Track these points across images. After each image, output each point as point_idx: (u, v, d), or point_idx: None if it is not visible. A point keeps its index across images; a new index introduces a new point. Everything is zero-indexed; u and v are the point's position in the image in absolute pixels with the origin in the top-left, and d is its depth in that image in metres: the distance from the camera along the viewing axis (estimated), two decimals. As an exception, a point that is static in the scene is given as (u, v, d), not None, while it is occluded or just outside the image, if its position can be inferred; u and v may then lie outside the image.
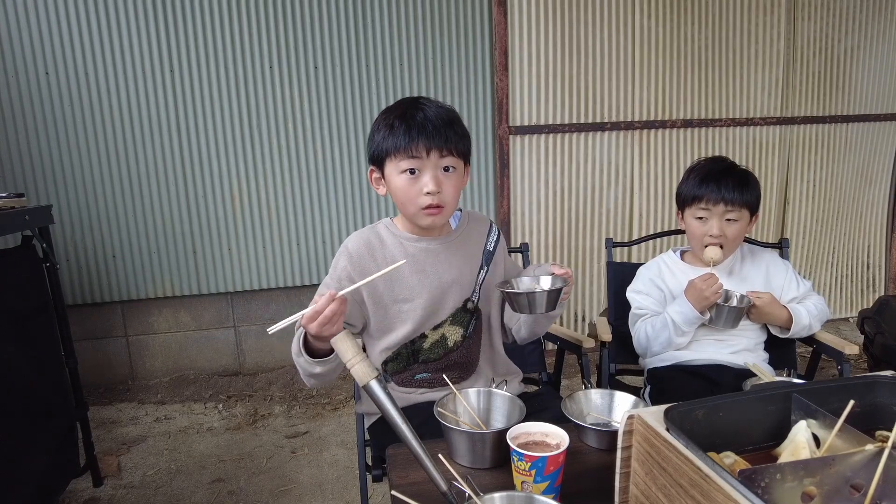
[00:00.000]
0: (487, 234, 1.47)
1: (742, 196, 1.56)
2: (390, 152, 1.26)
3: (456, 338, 1.38)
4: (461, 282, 1.39)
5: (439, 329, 1.38)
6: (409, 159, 1.25)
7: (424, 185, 1.26)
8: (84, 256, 2.81)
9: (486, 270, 1.42)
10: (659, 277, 1.72)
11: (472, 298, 1.40)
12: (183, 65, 2.73)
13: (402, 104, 1.31)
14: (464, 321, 1.39)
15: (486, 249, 1.44)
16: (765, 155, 3.34)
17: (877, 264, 3.68)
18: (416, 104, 1.29)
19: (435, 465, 0.87)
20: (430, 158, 1.25)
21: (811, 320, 1.63)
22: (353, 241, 1.37)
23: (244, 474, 2.26)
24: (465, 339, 1.38)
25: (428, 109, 1.27)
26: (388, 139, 1.26)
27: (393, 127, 1.26)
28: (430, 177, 1.26)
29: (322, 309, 1.02)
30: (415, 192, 1.27)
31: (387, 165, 1.29)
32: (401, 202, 1.31)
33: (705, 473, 0.66)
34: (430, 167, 1.26)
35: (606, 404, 1.18)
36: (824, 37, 3.27)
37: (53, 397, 1.98)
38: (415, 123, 1.25)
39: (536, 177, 3.12)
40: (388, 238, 1.38)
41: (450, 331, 1.38)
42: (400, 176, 1.27)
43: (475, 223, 1.47)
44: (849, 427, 0.74)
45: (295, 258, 3.03)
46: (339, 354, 0.95)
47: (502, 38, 2.94)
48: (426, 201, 1.27)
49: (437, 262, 1.37)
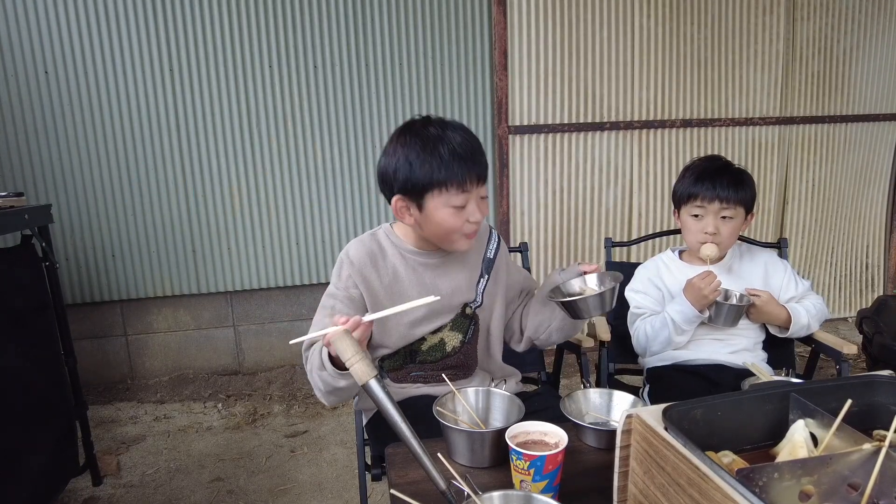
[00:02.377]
0: (487, 241, 1.45)
1: (737, 194, 1.57)
2: (438, 186, 1.20)
3: (454, 343, 1.38)
4: (461, 289, 1.38)
5: (438, 333, 1.37)
6: (461, 194, 1.21)
7: (471, 215, 1.24)
8: (83, 256, 2.81)
9: (487, 279, 1.42)
10: (657, 277, 1.73)
11: (471, 304, 1.39)
12: (182, 65, 2.73)
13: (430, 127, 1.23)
14: (463, 327, 1.39)
15: (485, 257, 1.43)
16: (764, 155, 3.34)
17: (875, 264, 3.69)
18: (448, 127, 1.23)
19: (434, 464, 0.88)
20: (477, 189, 1.24)
21: (810, 320, 1.63)
22: (353, 248, 1.34)
23: (243, 473, 2.26)
24: (463, 345, 1.38)
25: (462, 133, 1.22)
26: (439, 172, 1.19)
27: (442, 159, 1.18)
28: (476, 207, 1.24)
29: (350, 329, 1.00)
30: (459, 223, 1.24)
31: (429, 199, 1.22)
32: (443, 232, 1.26)
33: (703, 472, 0.66)
34: (474, 197, 1.24)
35: (605, 403, 1.18)
36: (823, 37, 3.27)
37: (53, 396, 1.98)
38: (466, 154, 1.20)
39: (536, 176, 3.12)
40: (389, 248, 1.36)
41: (449, 336, 1.38)
42: (447, 209, 1.22)
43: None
44: (846, 426, 0.74)
45: (294, 258, 3.03)
46: (339, 354, 0.95)
47: (502, 38, 2.94)
48: (471, 229, 1.26)
49: (435, 276, 1.36)
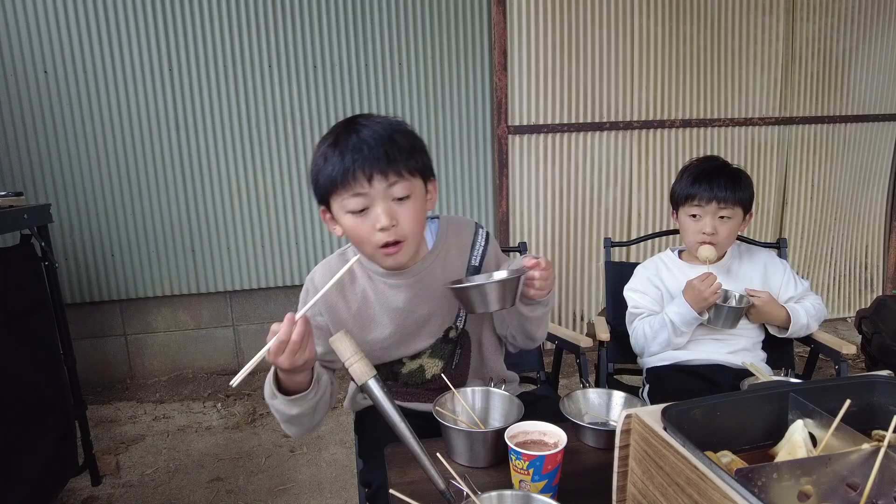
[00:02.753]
0: (472, 245, 1.28)
1: (734, 194, 1.58)
2: (330, 189, 1.08)
3: (434, 370, 1.27)
4: (440, 311, 1.24)
5: (417, 360, 1.28)
6: (353, 197, 1.06)
7: (375, 221, 1.07)
8: (83, 255, 2.81)
9: None
10: (657, 276, 1.73)
11: (455, 325, 1.26)
12: (182, 64, 2.73)
13: (336, 127, 1.11)
14: (444, 353, 1.27)
15: (469, 266, 1.27)
16: (763, 155, 3.34)
17: (875, 264, 3.69)
18: (350, 125, 1.09)
19: (433, 464, 0.88)
20: (375, 188, 1.06)
21: (809, 320, 1.63)
22: (319, 274, 1.24)
23: (243, 473, 2.26)
24: (444, 372, 1.26)
25: (363, 129, 1.07)
26: (325, 171, 1.07)
27: (326, 157, 1.07)
28: (382, 210, 1.06)
29: (287, 337, 0.93)
30: (367, 231, 1.09)
31: (333, 204, 1.11)
32: (356, 244, 1.16)
33: (702, 472, 0.66)
34: (378, 198, 1.06)
35: (604, 403, 1.18)
36: (823, 37, 3.27)
37: (52, 396, 1.98)
38: (348, 149, 1.05)
39: (535, 176, 3.12)
40: (358, 271, 1.24)
41: (428, 363, 1.27)
42: (347, 215, 1.09)
43: (455, 235, 1.28)
44: (845, 426, 0.74)
45: (293, 257, 3.03)
46: (337, 354, 0.95)
47: (501, 38, 2.94)
48: (381, 239, 1.08)
49: (409, 298, 1.22)
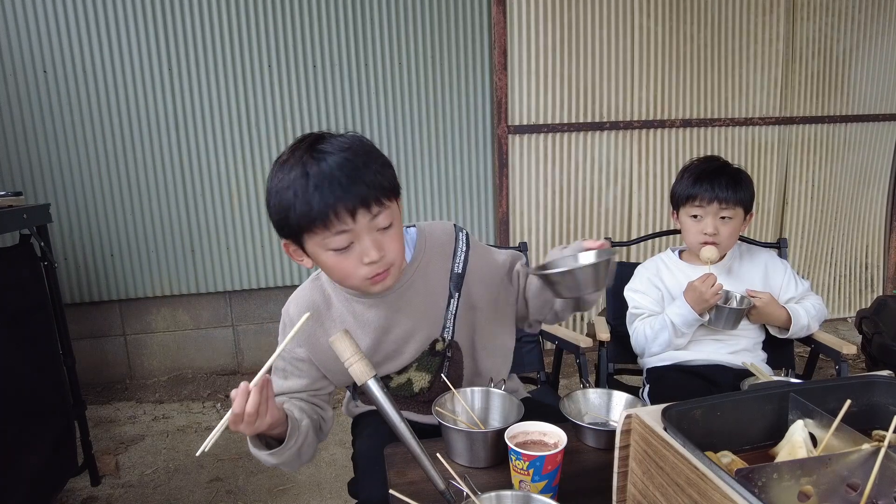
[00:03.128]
0: (453, 252, 1.20)
1: (735, 194, 1.57)
2: (306, 228, 0.97)
3: (422, 384, 1.23)
4: (425, 324, 1.18)
5: (404, 374, 1.23)
6: (336, 235, 0.96)
7: (363, 255, 0.99)
8: (82, 255, 2.81)
9: (458, 297, 1.19)
10: (657, 277, 1.73)
11: (441, 337, 1.20)
12: (181, 64, 2.73)
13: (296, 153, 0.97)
14: (432, 366, 1.22)
15: (453, 273, 1.19)
16: (763, 155, 3.34)
17: (875, 264, 3.69)
18: (313, 151, 0.96)
19: (433, 464, 0.87)
20: (360, 222, 0.97)
21: (810, 320, 1.63)
22: (293, 305, 1.17)
23: (242, 473, 2.25)
24: (433, 386, 1.23)
25: (330, 156, 0.95)
26: (295, 210, 0.95)
27: (297, 193, 0.94)
28: (369, 243, 0.99)
29: (241, 410, 0.90)
30: (352, 266, 1.01)
31: (307, 242, 1.00)
32: (339, 279, 1.07)
33: (702, 472, 0.66)
34: (363, 232, 0.98)
35: (604, 404, 1.18)
36: (823, 37, 3.27)
37: (51, 396, 1.98)
38: (325, 183, 0.93)
39: (535, 176, 3.12)
40: (334, 295, 1.16)
41: (416, 376, 1.23)
42: (328, 254, 1.00)
43: (435, 244, 1.19)
44: (845, 426, 0.74)
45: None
46: (337, 354, 0.94)
47: (501, 38, 2.94)
48: (370, 272, 1.01)
49: (389, 314, 1.16)
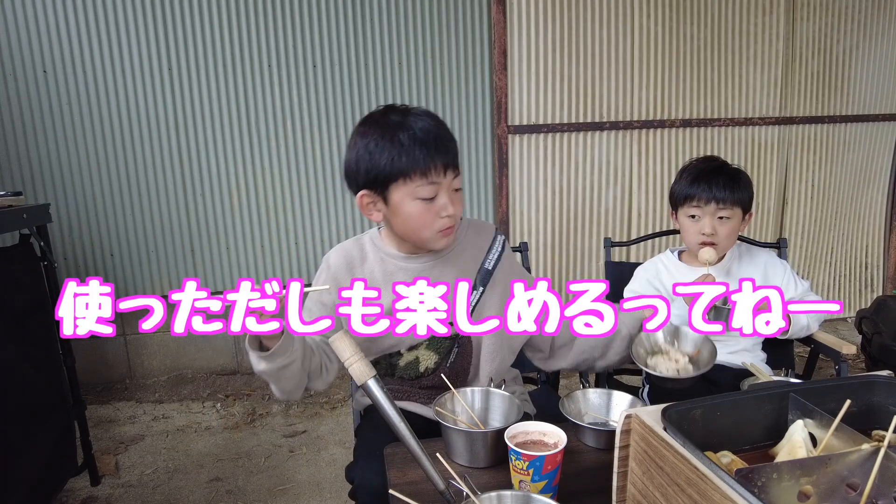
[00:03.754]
0: (488, 249, 1.30)
1: (733, 194, 1.57)
2: (401, 175, 1.11)
3: (428, 364, 1.27)
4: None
5: (414, 351, 1.27)
6: (428, 185, 1.12)
7: (443, 209, 1.14)
8: (82, 255, 2.81)
9: (482, 292, 1.26)
10: (656, 278, 1.73)
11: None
12: (181, 63, 2.73)
13: (392, 114, 1.14)
14: (441, 348, 1.26)
15: (482, 268, 1.28)
16: (763, 155, 3.34)
17: (875, 264, 3.69)
18: (409, 114, 1.14)
19: (433, 464, 0.87)
20: (447, 178, 1.14)
21: (809, 321, 1.63)
22: (334, 254, 1.28)
23: (242, 473, 2.25)
24: (438, 367, 1.27)
25: (426, 119, 1.13)
26: (400, 160, 1.10)
27: (403, 144, 1.09)
28: (448, 199, 1.14)
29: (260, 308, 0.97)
30: (431, 217, 1.15)
31: (394, 191, 1.13)
32: (412, 229, 1.17)
33: (702, 472, 0.66)
34: (445, 188, 1.14)
35: (604, 404, 1.18)
36: (823, 37, 3.27)
37: (51, 396, 1.98)
38: (428, 139, 1.10)
39: (535, 176, 3.12)
40: (371, 253, 1.27)
41: (424, 355, 1.27)
42: (415, 202, 1.13)
43: (474, 236, 1.31)
44: (845, 426, 0.74)
45: (293, 257, 3.03)
46: (337, 354, 0.94)
47: (501, 38, 2.94)
48: (444, 224, 1.16)
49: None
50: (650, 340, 1.24)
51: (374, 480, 1.10)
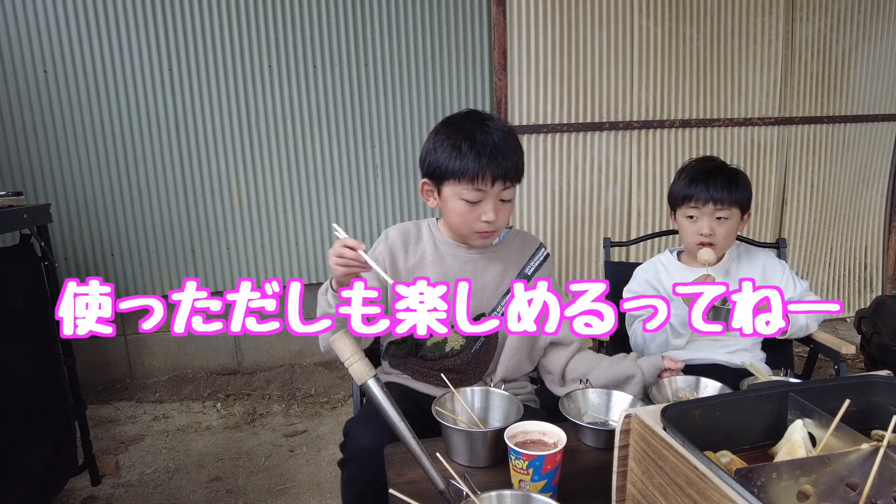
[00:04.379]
0: (531, 256, 1.42)
1: (731, 195, 1.57)
2: (452, 176, 1.24)
3: (454, 345, 1.35)
4: (482, 294, 1.35)
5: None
6: (473, 191, 1.23)
7: (483, 214, 1.25)
8: (82, 255, 2.81)
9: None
10: (655, 278, 1.73)
11: (488, 313, 1.35)
12: (181, 64, 2.73)
13: (467, 121, 1.27)
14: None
15: (522, 271, 1.40)
16: (763, 155, 3.34)
17: (874, 264, 3.69)
18: (482, 124, 1.25)
19: (433, 464, 0.88)
20: (494, 189, 1.24)
21: (808, 321, 1.63)
22: (394, 230, 1.41)
23: (242, 473, 2.26)
24: (463, 350, 1.35)
25: (495, 133, 1.23)
26: (454, 162, 1.22)
27: (461, 150, 1.22)
28: (491, 207, 1.25)
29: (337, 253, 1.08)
30: (472, 219, 1.26)
31: (446, 187, 1.27)
32: (454, 223, 1.31)
33: (702, 472, 0.66)
34: (491, 196, 1.25)
35: (604, 403, 1.18)
36: (822, 37, 3.27)
37: (52, 395, 1.98)
38: (485, 151, 1.21)
39: (535, 176, 3.12)
40: (426, 236, 1.39)
41: (453, 336, 1.35)
42: (460, 202, 1.26)
43: (520, 243, 1.43)
44: (844, 426, 0.74)
45: (293, 257, 3.03)
46: (337, 354, 0.95)
47: (501, 38, 2.95)
48: (483, 228, 1.27)
49: (462, 270, 1.35)
50: (672, 387, 1.25)
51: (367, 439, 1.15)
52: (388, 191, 3.05)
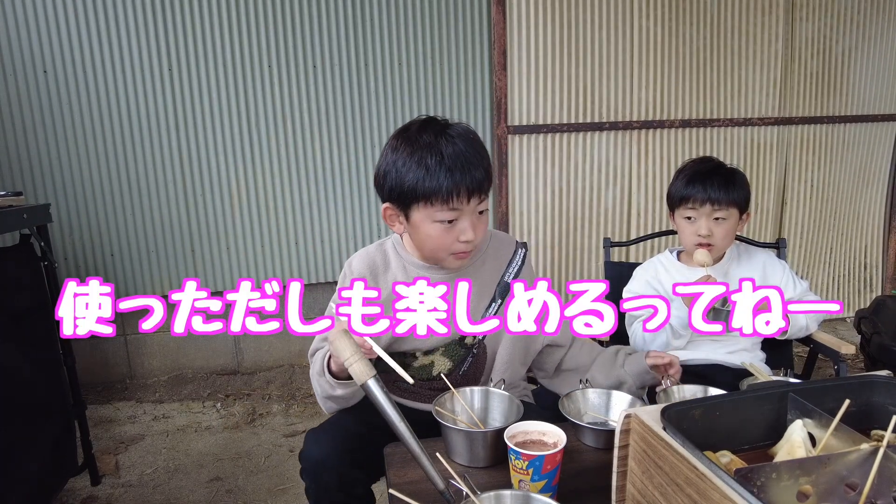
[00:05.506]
0: (509, 262, 1.33)
1: (728, 195, 1.57)
2: (423, 198, 1.11)
3: (442, 369, 1.28)
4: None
5: (429, 356, 1.29)
6: (448, 210, 1.11)
7: (462, 233, 1.14)
8: (82, 255, 2.81)
9: (499, 304, 1.29)
10: (655, 279, 1.73)
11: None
12: (181, 64, 2.73)
13: (426, 131, 1.13)
14: (457, 356, 1.29)
15: (501, 280, 1.30)
16: (762, 155, 3.34)
17: (874, 264, 3.69)
18: (443, 133, 1.12)
19: (432, 464, 0.88)
20: (470, 205, 1.13)
21: (808, 321, 1.63)
22: (357, 260, 1.29)
23: (242, 473, 2.26)
24: (451, 374, 1.28)
25: (459, 140, 1.11)
26: (423, 182, 1.09)
27: (427, 168, 1.09)
28: (469, 224, 1.14)
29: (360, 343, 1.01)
30: (449, 241, 1.15)
31: (415, 211, 1.14)
32: (429, 248, 1.19)
33: (702, 472, 0.66)
34: (467, 214, 1.13)
35: (604, 403, 1.18)
36: (822, 37, 3.27)
37: (51, 396, 1.98)
38: (455, 165, 1.08)
39: (535, 176, 3.12)
40: (394, 260, 1.28)
41: (439, 361, 1.29)
42: (434, 224, 1.14)
43: (496, 249, 1.33)
44: (844, 426, 0.74)
45: (293, 257, 3.03)
46: (336, 353, 0.95)
47: (501, 38, 2.95)
48: (461, 248, 1.16)
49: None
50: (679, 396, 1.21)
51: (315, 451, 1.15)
52: (388, 191, 3.05)
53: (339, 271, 3.08)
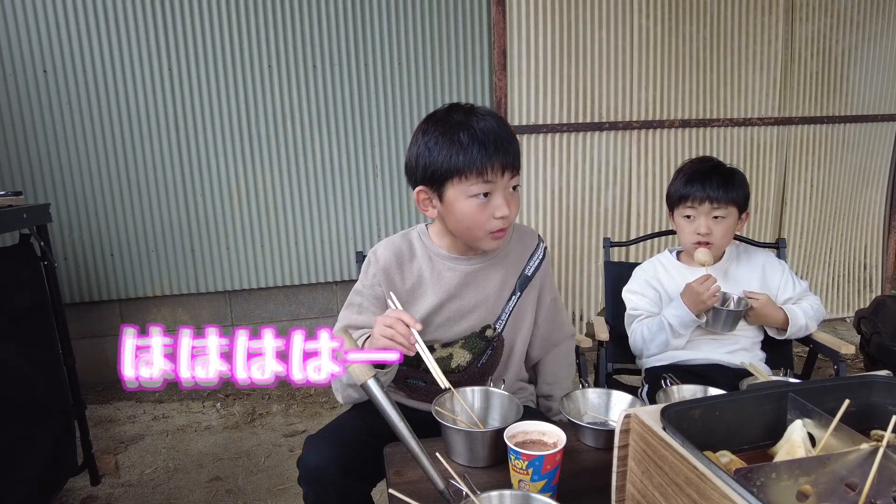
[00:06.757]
0: (531, 255, 1.35)
1: (727, 194, 1.57)
2: (457, 173, 1.13)
3: (461, 361, 1.29)
4: (486, 305, 1.29)
5: (448, 348, 1.30)
6: (483, 183, 1.13)
7: (497, 209, 1.15)
8: (82, 255, 2.81)
9: (519, 297, 1.31)
10: (654, 278, 1.73)
11: (493, 325, 1.30)
12: (181, 64, 2.73)
13: (455, 113, 1.16)
14: (476, 348, 1.30)
15: (523, 273, 1.33)
16: (762, 155, 3.34)
17: (873, 264, 3.69)
18: (473, 113, 1.15)
19: (432, 464, 0.88)
20: (504, 179, 1.14)
21: (808, 321, 1.63)
22: (382, 248, 1.30)
23: (242, 473, 2.26)
24: (469, 366, 1.30)
25: (490, 119, 1.14)
26: (456, 157, 1.11)
27: (461, 143, 1.11)
28: (503, 200, 1.15)
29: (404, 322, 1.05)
30: (484, 218, 1.15)
31: (449, 188, 1.15)
32: (466, 227, 1.19)
33: (701, 472, 0.66)
34: (501, 189, 1.15)
35: (603, 403, 1.18)
36: (822, 37, 3.27)
37: (51, 395, 1.98)
38: (488, 139, 1.11)
39: (535, 176, 3.12)
40: (419, 249, 1.30)
41: (458, 353, 1.30)
42: (469, 200, 1.15)
43: (519, 242, 1.35)
44: (844, 426, 0.74)
45: (293, 257, 3.03)
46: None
47: (501, 38, 2.95)
48: (497, 225, 1.17)
49: (463, 285, 1.28)
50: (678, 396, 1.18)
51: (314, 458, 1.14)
52: (388, 191, 3.05)
53: (339, 271, 3.10)
